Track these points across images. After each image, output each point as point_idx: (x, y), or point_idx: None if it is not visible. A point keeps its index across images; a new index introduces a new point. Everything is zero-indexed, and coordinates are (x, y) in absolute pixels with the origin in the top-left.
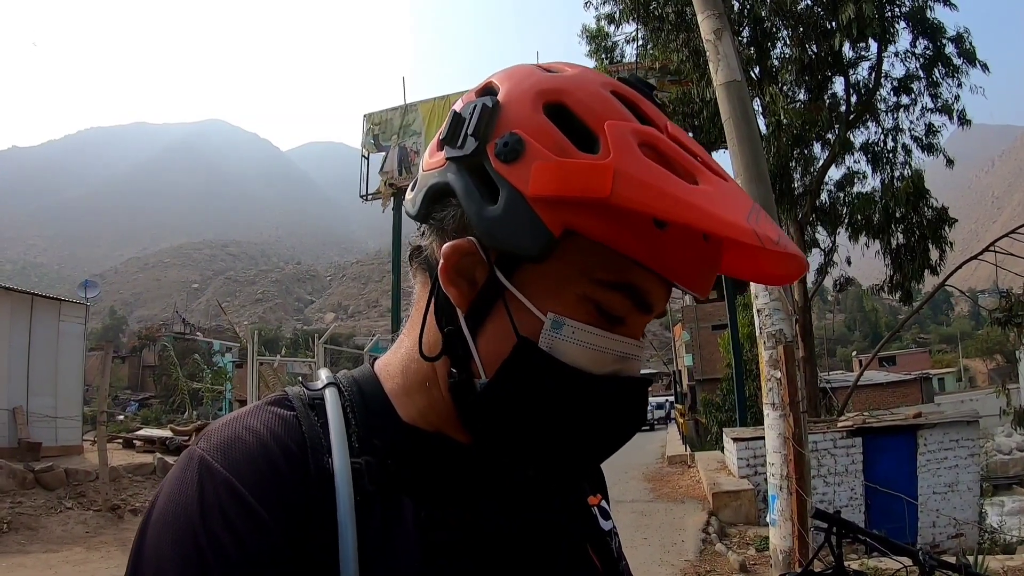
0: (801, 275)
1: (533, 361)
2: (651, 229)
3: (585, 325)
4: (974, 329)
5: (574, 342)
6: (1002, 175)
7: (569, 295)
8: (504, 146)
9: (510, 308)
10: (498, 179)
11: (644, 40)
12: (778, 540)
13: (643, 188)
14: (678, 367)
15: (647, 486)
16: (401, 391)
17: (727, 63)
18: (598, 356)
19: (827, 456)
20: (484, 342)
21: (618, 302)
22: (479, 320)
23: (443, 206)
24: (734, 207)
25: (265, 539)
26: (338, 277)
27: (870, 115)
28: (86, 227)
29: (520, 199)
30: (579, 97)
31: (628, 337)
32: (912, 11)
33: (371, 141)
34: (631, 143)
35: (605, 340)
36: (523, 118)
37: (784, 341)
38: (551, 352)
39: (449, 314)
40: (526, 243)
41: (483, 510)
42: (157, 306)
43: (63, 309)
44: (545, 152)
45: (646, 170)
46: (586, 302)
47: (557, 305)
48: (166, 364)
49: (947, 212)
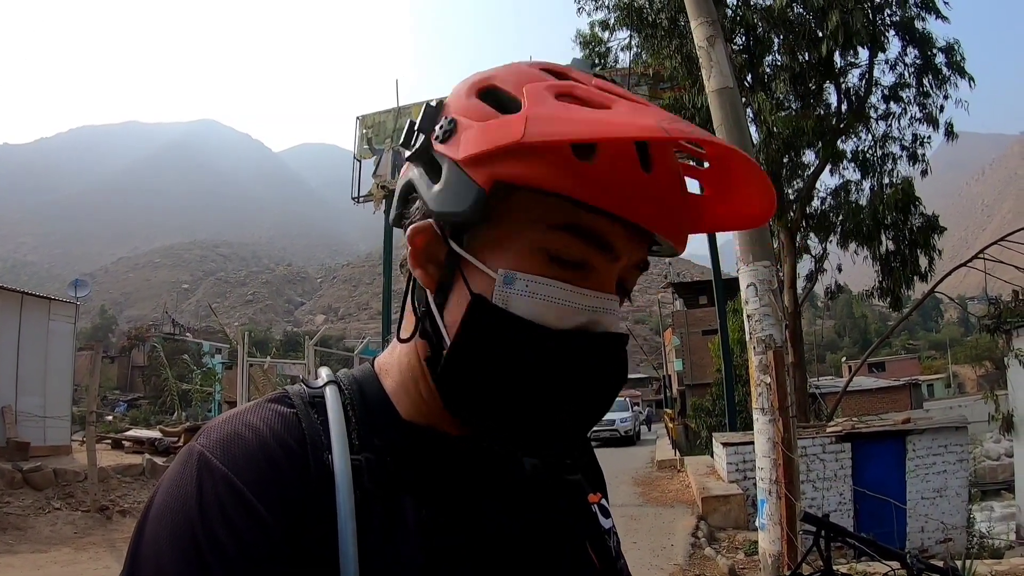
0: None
1: (487, 316)
2: (574, 162)
3: (540, 277)
4: (963, 336)
5: (530, 295)
6: (992, 183)
7: (521, 250)
8: (441, 129)
9: (466, 274)
10: (439, 158)
11: (638, 47)
12: (767, 544)
13: (551, 122)
14: (668, 372)
15: (637, 490)
16: (398, 387)
17: (720, 70)
18: (560, 309)
19: (816, 461)
20: (448, 313)
21: (570, 245)
22: (444, 295)
23: (410, 203)
24: (644, 115)
25: (264, 536)
26: (329, 279)
27: (862, 122)
28: (77, 226)
29: (454, 167)
30: (505, 77)
31: (595, 290)
32: (902, 21)
33: (364, 144)
34: (545, 94)
35: (565, 292)
36: (459, 105)
37: (774, 346)
38: (506, 307)
39: (422, 298)
40: (463, 204)
41: (485, 509)
42: (147, 306)
43: (53, 308)
44: (472, 123)
45: (555, 108)
46: (540, 254)
47: (509, 261)
48: (155, 365)
49: (937, 220)
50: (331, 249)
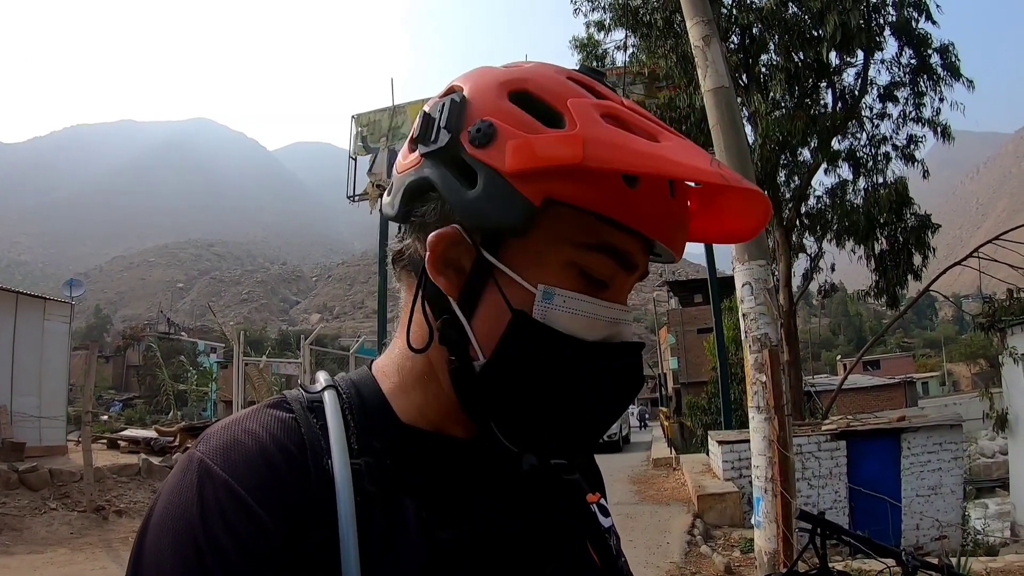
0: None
1: (530, 332)
2: (622, 188)
3: (574, 293)
4: (958, 334)
5: (566, 310)
6: (987, 182)
7: (554, 265)
8: (477, 132)
9: (501, 285)
10: (475, 163)
11: (634, 47)
12: (763, 542)
13: (612, 148)
14: (663, 370)
15: (632, 488)
16: (398, 390)
17: (715, 69)
18: (590, 322)
19: (811, 459)
20: (479, 324)
21: (602, 264)
22: (471, 304)
23: (423, 202)
24: (696, 156)
25: (265, 541)
26: (324, 278)
27: (856, 122)
28: (71, 225)
29: (498, 177)
30: (539, 82)
31: (615, 303)
32: (898, 22)
33: (359, 143)
34: (594, 114)
35: (595, 306)
36: (490, 106)
37: (769, 345)
38: (545, 322)
39: (441, 304)
40: (509, 217)
41: (485, 510)
42: (142, 305)
43: (48, 308)
44: (516, 132)
45: (612, 134)
46: (571, 269)
47: (545, 276)
48: (151, 364)
49: (930, 219)
50: (326, 248)
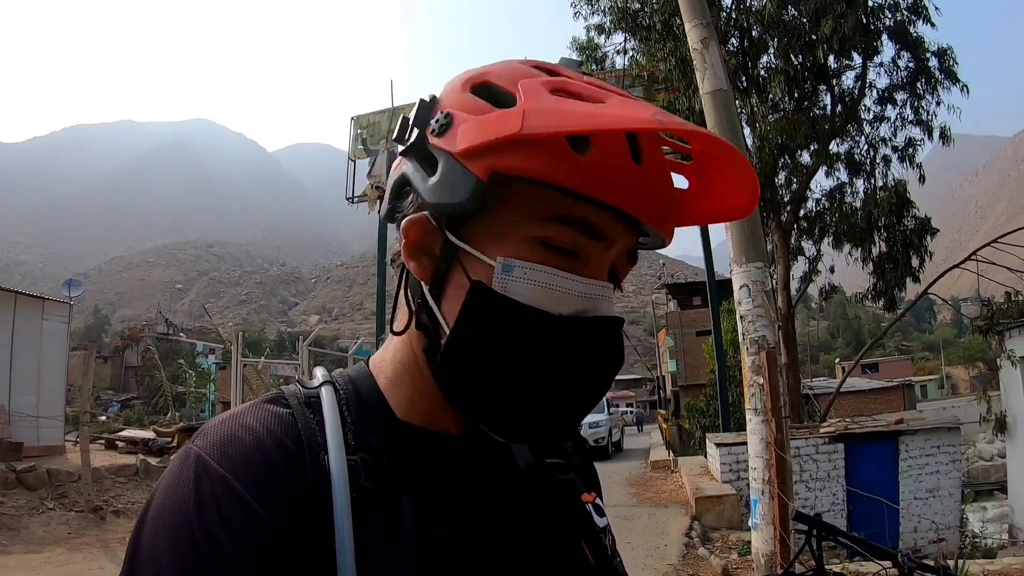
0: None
1: (487, 302)
2: (569, 153)
3: (537, 264)
4: (956, 337)
5: (528, 282)
6: (986, 185)
7: (516, 239)
8: (436, 123)
9: (464, 263)
10: (435, 151)
11: (633, 50)
12: (760, 544)
13: (549, 114)
14: (662, 373)
15: (630, 491)
16: (392, 383)
17: (714, 72)
18: (557, 296)
19: (809, 461)
20: (447, 305)
21: (564, 235)
22: (441, 287)
23: (404, 197)
24: (636, 108)
25: (262, 536)
26: (322, 279)
27: (855, 125)
28: (70, 225)
29: (451, 159)
30: (499, 72)
31: (589, 277)
32: (896, 25)
33: (359, 145)
34: (541, 89)
35: (561, 279)
36: (453, 100)
37: (767, 347)
38: (506, 293)
39: (417, 290)
40: (461, 195)
41: (482, 507)
42: (141, 306)
43: (46, 308)
44: (468, 116)
45: (552, 102)
46: (534, 243)
47: (506, 249)
48: (149, 365)
49: (929, 222)
50: (325, 249)
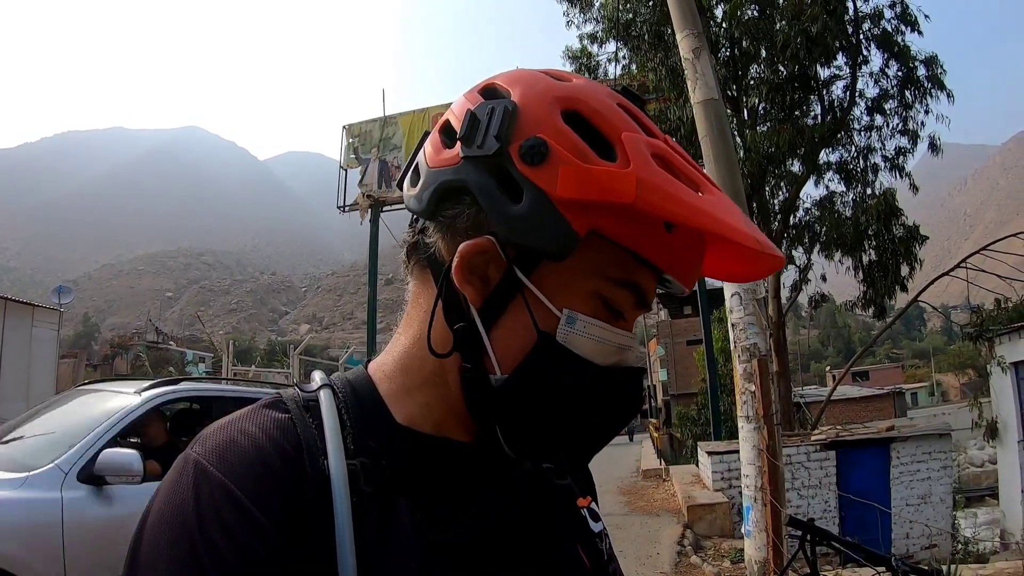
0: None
1: (552, 354)
2: (662, 232)
3: (594, 320)
4: (946, 344)
5: (585, 336)
6: (975, 194)
7: (581, 292)
8: (530, 149)
9: (529, 304)
10: (522, 180)
11: (626, 59)
12: (753, 551)
13: (662, 195)
14: (653, 382)
15: (622, 499)
16: (401, 391)
17: (704, 82)
18: (604, 348)
19: (801, 469)
20: (499, 338)
21: (623, 298)
22: (493, 317)
23: (455, 204)
24: (734, 214)
25: (262, 542)
26: (313, 288)
27: (844, 133)
28: (61, 232)
29: (546, 200)
30: (594, 107)
31: (625, 330)
32: (882, 34)
33: (351, 154)
34: (646, 154)
35: (610, 333)
36: (543, 123)
37: (758, 355)
38: (567, 345)
39: (459, 311)
40: (551, 241)
41: (480, 512)
42: (131, 314)
43: (36, 314)
44: (569, 157)
45: (662, 179)
46: (595, 298)
47: (571, 301)
48: (139, 373)
49: (918, 230)
50: (316, 258)
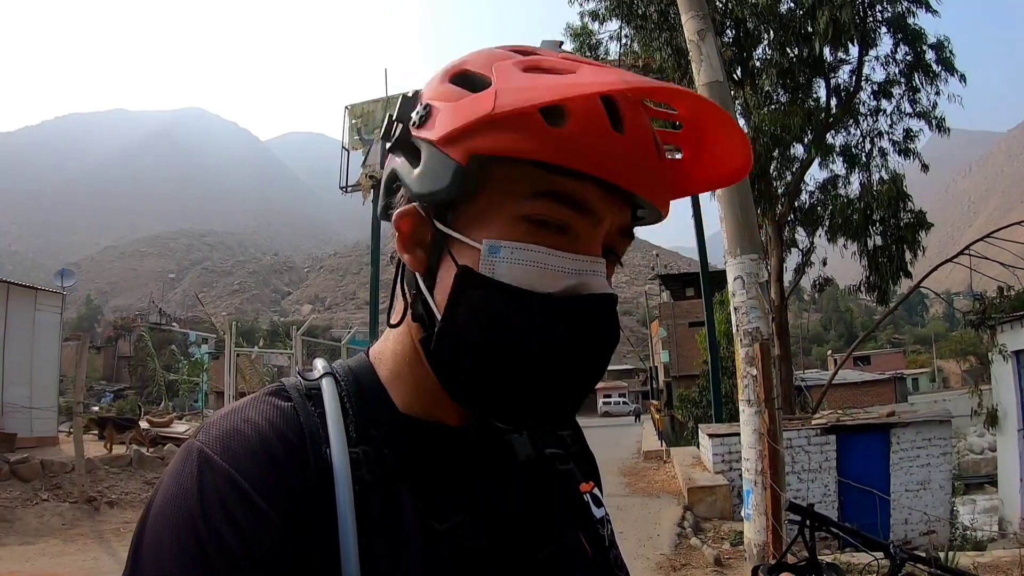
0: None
1: (475, 286)
2: (545, 128)
3: (524, 243)
4: (948, 330)
5: (515, 262)
6: (979, 180)
7: (502, 220)
8: (418, 116)
9: (452, 250)
10: (418, 143)
11: (628, 38)
12: (752, 534)
13: (520, 91)
14: (654, 363)
15: (623, 480)
16: (393, 375)
17: (709, 63)
18: (546, 274)
19: (801, 453)
20: (438, 292)
21: (550, 210)
22: (434, 277)
23: (395, 192)
24: (607, 74)
25: (266, 531)
26: (316, 269)
27: (851, 117)
28: (62, 215)
29: (432, 148)
30: (476, 60)
31: (581, 253)
32: (894, 17)
33: (354, 134)
34: (513, 69)
35: (548, 257)
36: (432, 92)
37: (760, 339)
38: (493, 276)
39: (412, 281)
40: (443, 181)
41: (481, 500)
42: (133, 296)
43: (39, 298)
44: (446, 104)
45: (522, 79)
46: (520, 222)
47: (492, 232)
48: (142, 355)
49: (924, 216)
50: (318, 239)
